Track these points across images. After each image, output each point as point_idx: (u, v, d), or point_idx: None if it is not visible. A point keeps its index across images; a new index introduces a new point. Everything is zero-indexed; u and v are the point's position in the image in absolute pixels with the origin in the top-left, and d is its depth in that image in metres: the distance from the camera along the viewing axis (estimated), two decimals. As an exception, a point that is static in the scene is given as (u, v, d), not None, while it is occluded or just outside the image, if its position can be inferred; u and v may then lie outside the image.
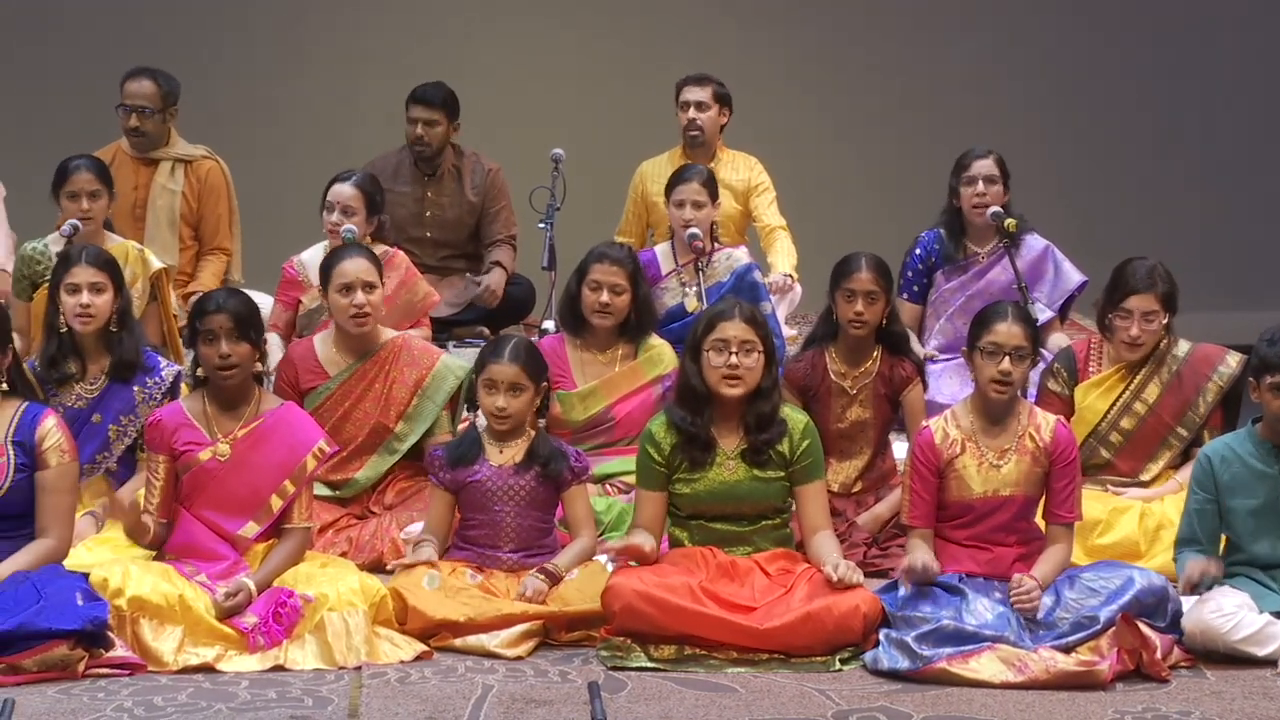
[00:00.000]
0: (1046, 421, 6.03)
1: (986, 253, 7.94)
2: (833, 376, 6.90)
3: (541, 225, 7.92)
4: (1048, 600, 5.77)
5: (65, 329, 6.55)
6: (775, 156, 9.16)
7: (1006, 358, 5.95)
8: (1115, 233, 10.26)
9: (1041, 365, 6.79)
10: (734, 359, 5.95)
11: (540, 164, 8.19)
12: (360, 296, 6.78)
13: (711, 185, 7.85)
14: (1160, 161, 11.31)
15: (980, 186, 7.84)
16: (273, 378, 6.87)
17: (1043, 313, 7.77)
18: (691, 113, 8.77)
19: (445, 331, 8.49)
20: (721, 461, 6.00)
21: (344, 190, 7.64)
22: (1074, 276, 7.99)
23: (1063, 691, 5.50)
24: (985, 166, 7.86)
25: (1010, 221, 7.77)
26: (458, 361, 6.99)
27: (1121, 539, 6.53)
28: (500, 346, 6.26)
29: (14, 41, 10.60)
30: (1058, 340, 7.64)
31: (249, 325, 6.00)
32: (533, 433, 6.20)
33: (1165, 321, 6.79)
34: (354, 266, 6.81)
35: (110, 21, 10.65)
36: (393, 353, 6.92)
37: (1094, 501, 6.48)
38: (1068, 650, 5.62)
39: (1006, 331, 5.97)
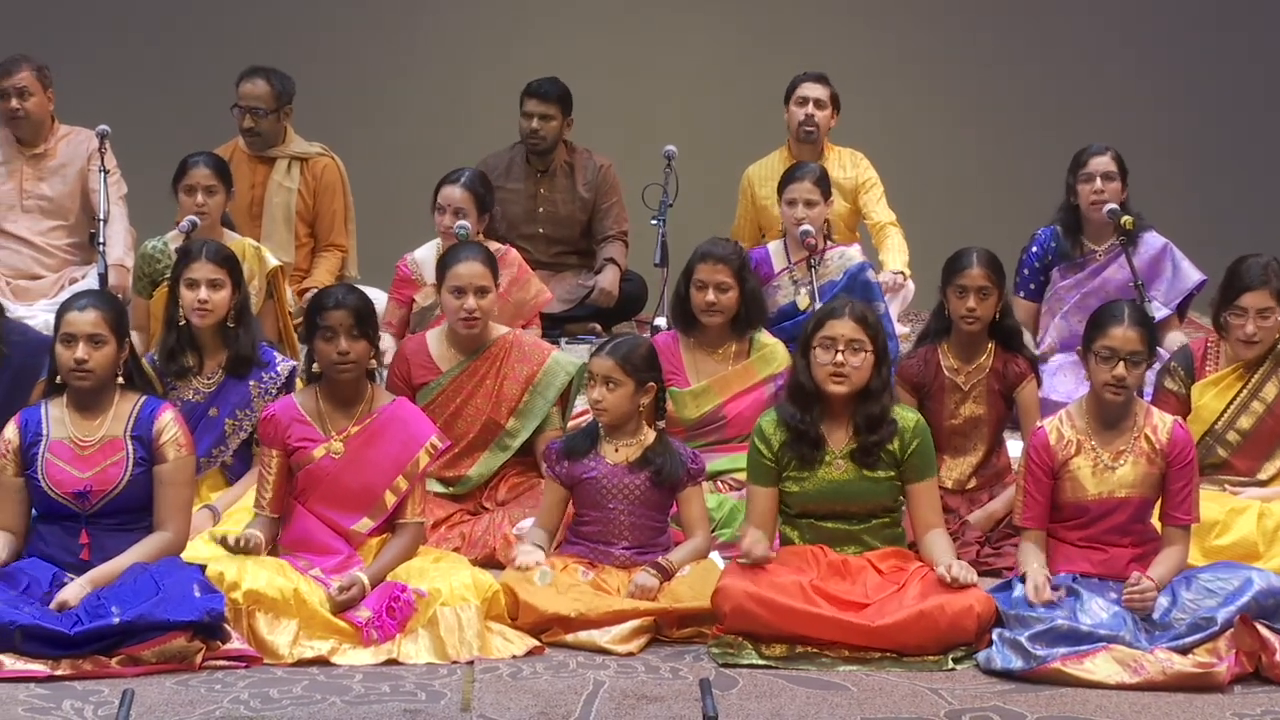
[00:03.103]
0: (1164, 422, 5.97)
1: (1103, 250, 7.87)
2: (946, 373, 6.86)
3: (654, 222, 7.93)
4: (1164, 601, 5.71)
5: (184, 323, 6.62)
6: (889, 153, 9.13)
7: (1121, 363, 5.89)
8: (1238, 230, 10.11)
9: (1158, 364, 6.72)
10: (840, 357, 5.93)
11: (652, 160, 8.19)
12: (471, 301, 6.80)
13: (824, 183, 7.82)
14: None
15: (1098, 184, 7.77)
16: (385, 375, 6.92)
17: (1159, 311, 7.70)
18: (810, 108, 8.75)
19: (557, 328, 8.52)
20: (831, 460, 5.98)
21: (453, 193, 7.67)
22: (1192, 275, 7.90)
23: (1179, 694, 5.44)
24: (1102, 163, 7.79)
25: (1127, 219, 7.70)
26: (568, 358, 7.01)
27: (1239, 539, 6.44)
28: (604, 342, 6.30)
29: (133, 41, 10.73)
30: (1175, 339, 7.56)
31: (367, 322, 6.04)
32: (651, 434, 6.20)
33: (1281, 318, 6.72)
34: (467, 270, 6.82)
35: (227, 20, 10.76)
36: (504, 349, 6.94)
37: (1211, 502, 6.39)
38: (1184, 652, 5.56)
39: (1122, 336, 5.91)
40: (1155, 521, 6.01)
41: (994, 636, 5.65)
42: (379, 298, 7.61)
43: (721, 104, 10.83)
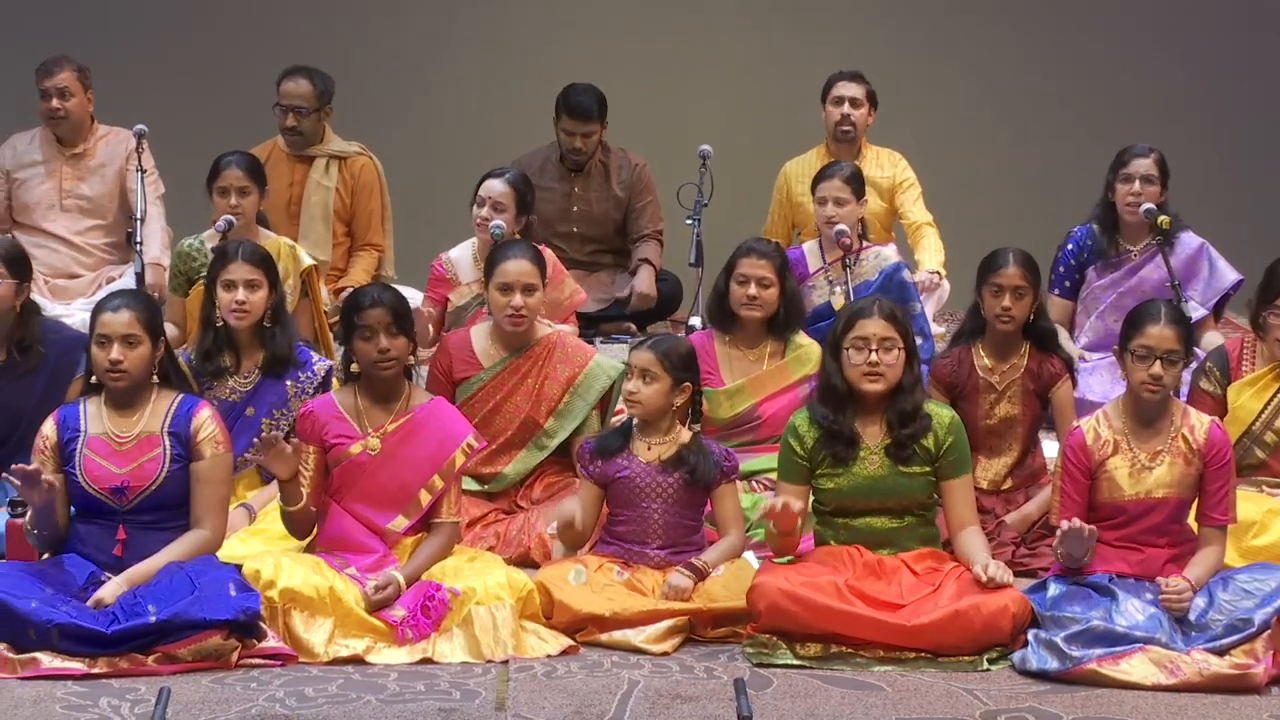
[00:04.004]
0: (1201, 423, 5.94)
1: (1139, 250, 7.85)
2: (980, 372, 6.85)
3: (689, 221, 7.92)
4: (1200, 602, 5.70)
5: (220, 323, 6.65)
6: (924, 152, 9.10)
7: (1158, 361, 5.87)
8: (1276, 230, 10.06)
9: (1194, 364, 6.69)
10: (874, 356, 5.93)
11: (687, 160, 8.19)
12: (518, 299, 6.80)
13: (855, 182, 7.80)
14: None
15: (1137, 185, 7.74)
16: (422, 373, 6.93)
17: (1196, 310, 7.67)
18: (846, 108, 8.72)
19: (592, 327, 8.52)
20: (865, 456, 5.97)
21: (496, 186, 7.68)
22: (1229, 275, 7.88)
23: (1216, 695, 5.43)
24: (1145, 166, 7.76)
25: (1164, 219, 7.67)
26: (611, 362, 7.01)
27: (1277, 540, 6.40)
28: (647, 337, 6.31)
29: (171, 41, 10.76)
30: (1211, 339, 7.54)
31: (404, 319, 6.07)
32: (686, 435, 6.20)
33: (1321, 319, 6.68)
34: (516, 268, 6.82)
35: (264, 20, 10.79)
36: (547, 349, 6.95)
37: (1249, 503, 6.36)
38: (1221, 653, 5.54)
39: (1159, 335, 5.89)
40: (1192, 522, 5.98)
41: (1029, 637, 5.64)
42: (415, 297, 7.62)
43: (757, 103, 10.81)
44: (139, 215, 7.86)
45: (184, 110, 10.26)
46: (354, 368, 6.08)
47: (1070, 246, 7.97)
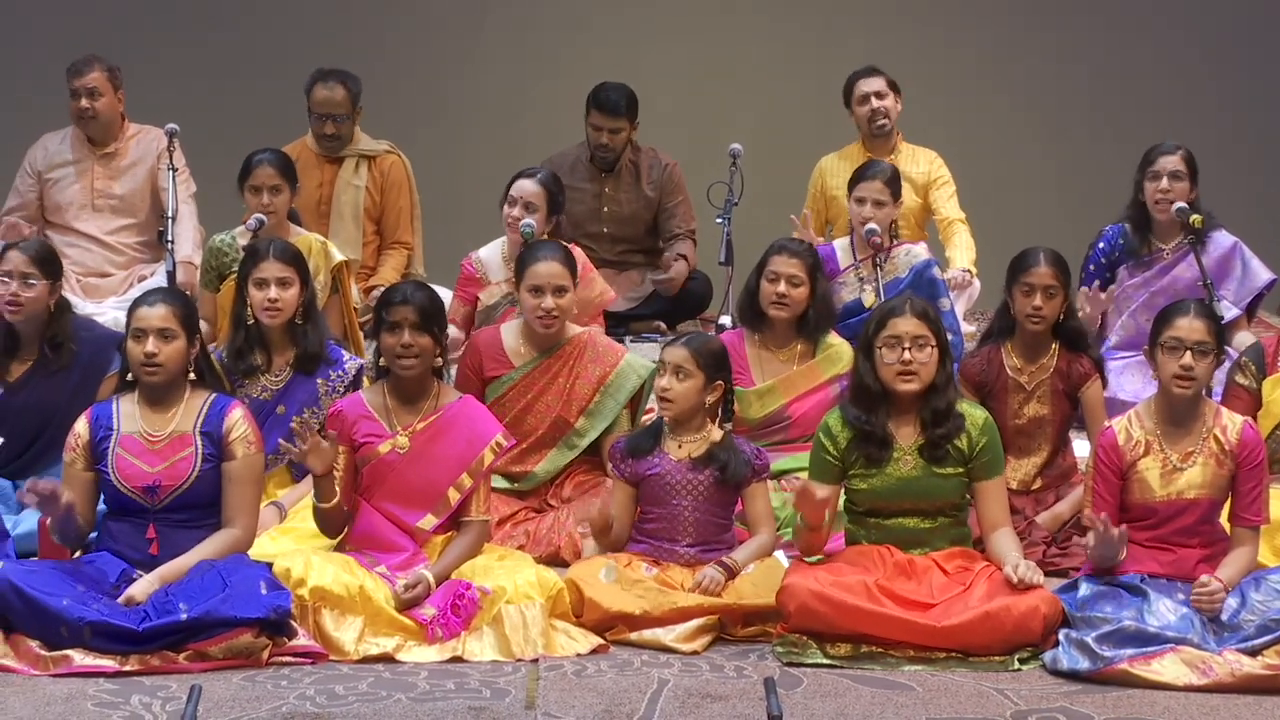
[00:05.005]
0: (1233, 423, 5.92)
1: (1171, 249, 7.82)
2: (1009, 372, 6.83)
3: (719, 220, 7.91)
4: (1232, 602, 5.67)
5: (252, 321, 6.67)
6: (956, 151, 9.09)
7: (1188, 353, 5.85)
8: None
9: (1227, 363, 6.66)
10: (907, 354, 5.91)
11: (718, 159, 8.18)
12: (549, 301, 6.80)
13: (895, 184, 7.80)
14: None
15: (1165, 183, 7.72)
16: (452, 372, 6.94)
17: (1228, 310, 7.64)
18: (874, 103, 8.73)
19: (622, 326, 8.53)
20: (899, 457, 5.95)
21: (528, 186, 7.68)
22: (1262, 274, 7.85)
23: (1248, 695, 5.41)
24: (1172, 163, 7.74)
25: (1196, 218, 7.65)
26: (642, 361, 7.01)
27: (1310, 540, 6.40)
28: (680, 335, 6.30)
29: (202, 40, 10.79)
30: (1244, 339, 7.51)
31: (432, 320, 6.07)
32: (717, 434, 6.19)
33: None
34: (547, 269, 6.82)
35: (294, 18, 10.81)
36: (578, 348, 6.94)
37: (1281, 502, 6.36)
38: (1254, 653, 5.52)
39: (1188, 326, 5.87)
40: (1224, 521, 5.96)
41: (1060, 637, 5.63)
42: (445, 295, 7.62)
43: (788, 103, 10.80)
44: (170, 214, 7.88)
45: (215, 109, 10.30)
46: (383, 362, 6.10)
47: (1102, 245, 7.95)
